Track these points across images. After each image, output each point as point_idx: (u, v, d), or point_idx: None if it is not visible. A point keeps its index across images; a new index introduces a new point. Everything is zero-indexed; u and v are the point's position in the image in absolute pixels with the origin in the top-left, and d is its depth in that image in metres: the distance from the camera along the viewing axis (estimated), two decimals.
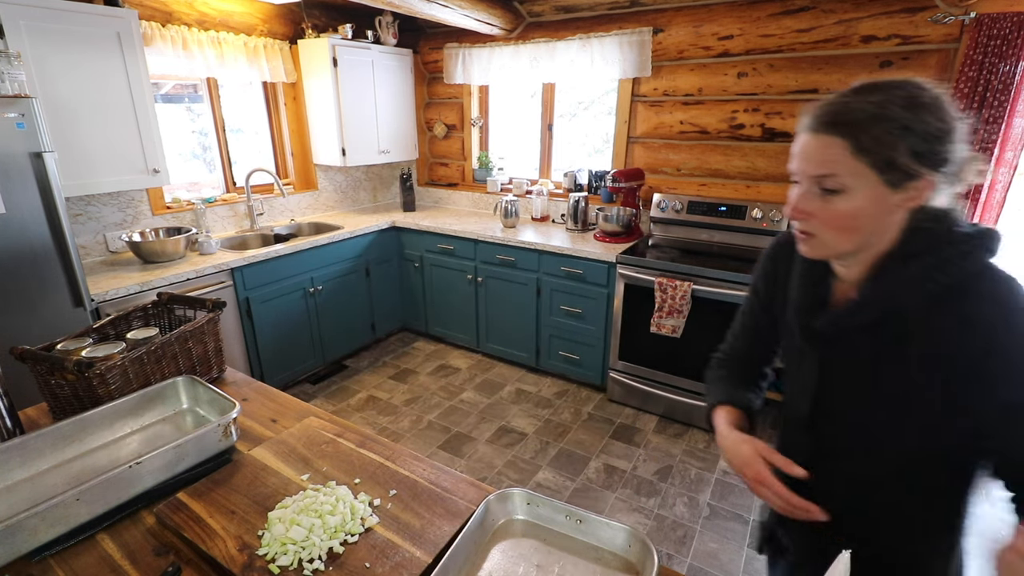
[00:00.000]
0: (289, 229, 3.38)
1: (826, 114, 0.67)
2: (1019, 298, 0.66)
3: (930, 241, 0.69)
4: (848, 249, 0.72)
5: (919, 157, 0.64)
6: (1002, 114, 2.24)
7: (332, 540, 0.86)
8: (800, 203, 0.71)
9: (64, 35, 2.12)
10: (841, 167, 0.66)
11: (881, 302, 0.71)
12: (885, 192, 0.66)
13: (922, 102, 0.64)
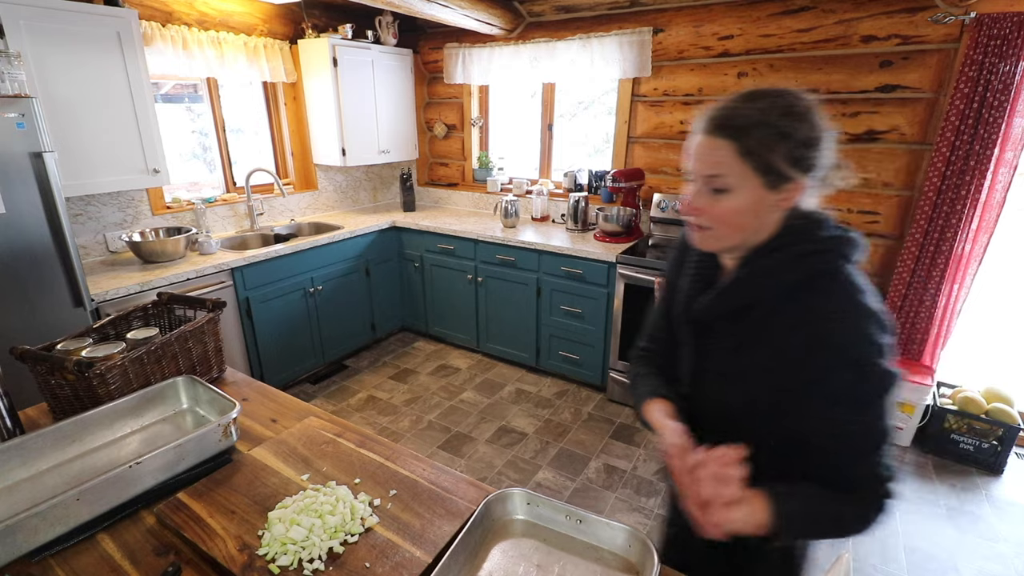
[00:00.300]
0: (289, 229, 3.38)
1: (717, 118, 0.72)
2: (858, 301, 0.71)
3: (795, 238, 0.76)
4: (735, 243, 0.78)
5: (794, 161, 0.71)
6: (1002, 114, 2.24)
7: (332, 540, 0.86)
8: (694, 201, 0.77)
9: (64, 35, 2.12)
10: (728, 168, 0.72)
11: (742, 290, 0.78)
12: (764, 192, 0.73)
13: (798, 111, 0.71)
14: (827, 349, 0.71)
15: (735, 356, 0.81)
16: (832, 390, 0.72)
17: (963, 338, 3.01)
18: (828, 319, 0.71)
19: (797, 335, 0.73)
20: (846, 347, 0.70)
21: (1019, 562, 2.00)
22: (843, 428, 0.73)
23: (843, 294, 0.72)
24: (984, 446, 2.48)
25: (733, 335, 0.81)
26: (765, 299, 0.77)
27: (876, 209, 2.71)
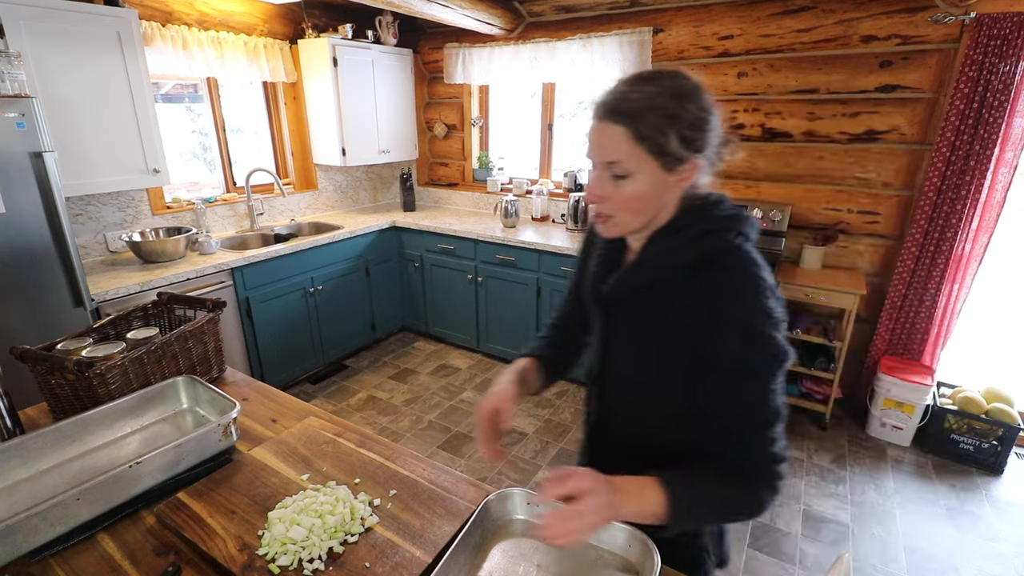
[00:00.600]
0: (289, 229, 3.38)
1: (609, 103, 0.73)
2: (754, 275, 0.74)
3: (695, 218, 0.78)
4: (638, 226, 0.80)
5: (686, 142, 0.72)
6: (1002, 114, 2.24)
7: (332, 540, 0.86)
8: (595, 188, 0.77)
9: (64, 35, 2.12)
10: (625, 153, 0.72)
11: (647, 269, 0.80)
12: (662, 174, 0.74)
13: (686, 91, 0.72)
14: (722, 323, 0.72)
15: (639, 335, 0.83)
16: (725, 362, 0.73)
17: (963, 338, 3.01)
18: (724, 294, 0.73)
19: (696, 311, 0.75)
20: (740, 319, 0.72)
21: (1019, 562, 2.00)
22: (736, 400, 0.74)
23: (740, 270, 0.74)
24: (984, 446, 2.48)
25: (637, 315, 0.83)
26: (667, 278, 0.79)
27: (876, 209, 2.71)
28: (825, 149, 2.75)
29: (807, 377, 2.84)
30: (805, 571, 1.95)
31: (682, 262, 0.77)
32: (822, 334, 2.70)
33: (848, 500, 2.31)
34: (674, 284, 0.78)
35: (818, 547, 2.06)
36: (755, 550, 2.05)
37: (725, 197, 0.81)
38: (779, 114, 2.81)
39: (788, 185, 2.89)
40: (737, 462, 0.74)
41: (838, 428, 2.82)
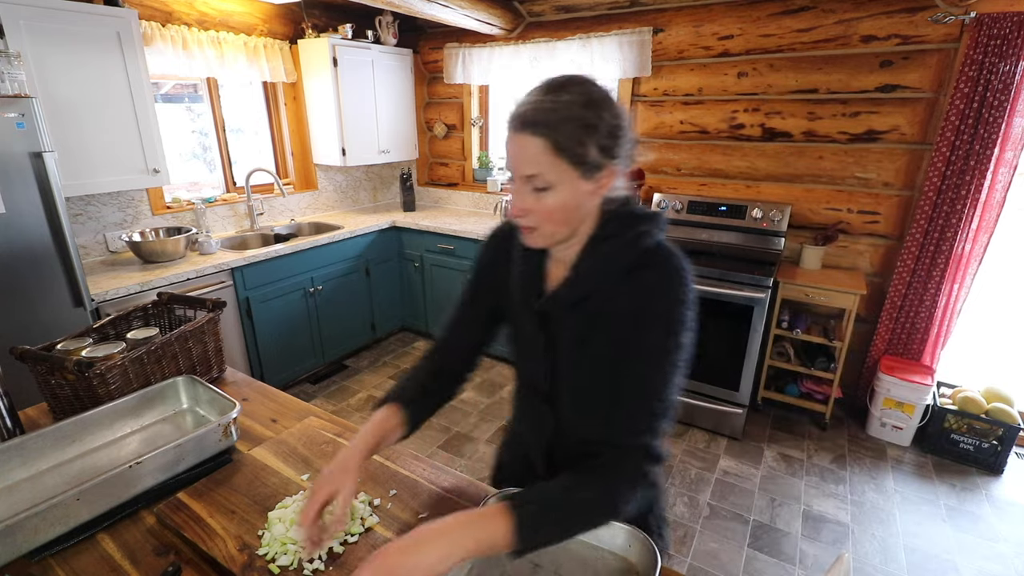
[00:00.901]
0: (289, 229, 3.38)
1: (525, 115, 0.72)
2: (680, 271, 0.77)
3: (619, 223, 0.80)
4: (564, 237, 0.80)
5: (604, 150, 0.73)
6: (1002, 114, 2.24)
7: (332, 540, 0.86)
8: (518, 202, 0.77)
9: (64, 35, 2.12)
10: (546, 165, 0.72)
11: (585, 280, 0.81)
12: (582, 184, 0.74)
13: (599, 100, 0.73)
14: (649, 315, 0.76)
15: (582, 345, 0.83)
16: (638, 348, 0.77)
17: (963, 338, 3.02)
18: (654, 290, 0.76)
19: (630, 309, 0.77)
20: (665, 312, 0.75)
21: (1019, 562, 2.00)
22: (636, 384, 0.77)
23: (668, 265, 0.78)
24: (984, 446, 2.48)
25: (575, 324, 0.83)
26: (604, 285, 0.80)
27: (876, 209, 2.71)
28: (825, 149, 2.75)
29: (807, 377, 2.84)
30: (805, 571, 1.95)
31: (619, 268, 0.79)
32: (822, 334, 2.70)
33: (848, 500, 2.31)
34: (608, 288, 0.79)
35: (818, 547, 2.06)
36: (755, 550, 2.05)
37: (632, 196, 0.84)
38: (779, 114, 2.81)
39: (788, 185, 2.89)
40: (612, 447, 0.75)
41: (838, 428, 2.82)
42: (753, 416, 2.91)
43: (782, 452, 2.63)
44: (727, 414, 2.72)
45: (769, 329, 2.74)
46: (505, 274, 0.94)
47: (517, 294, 0.90)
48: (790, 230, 2.90)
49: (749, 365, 2.58)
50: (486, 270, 0.98)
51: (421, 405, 0.94)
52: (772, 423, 2.87)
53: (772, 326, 2.75)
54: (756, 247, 2.90)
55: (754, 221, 2.87)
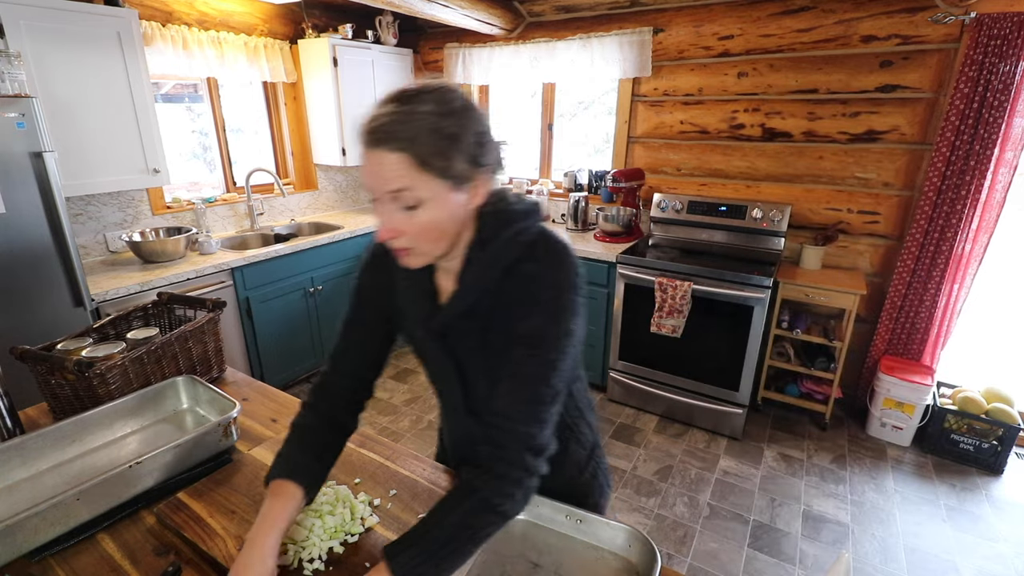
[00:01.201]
0: (289, 229, 3.38)
1: (380, 128, 0.67)
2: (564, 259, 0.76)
3: (496, 224, 0.77)
4: (445, 251, 0.77)
5: (473, 161, 0.70)
6: (1002, 114, 2.24)
7: (332, 540, 0.86)
8: (387, 223, 0.72)
9: (64, 35, 2.12)
10: (411, 181, 0.68)
11: (472, 287, 0.79)
12: (454, 196, 0.71)
13: (459, 108, 0.69)
14: (534, 303, 0.75)
15: (483, 350, 0.82)
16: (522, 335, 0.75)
17: (963, 338, 3.02)
18: (538, 280, 0.75)
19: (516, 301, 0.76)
20: (550, 300, 0.75)
21: (1019, 562, 2.00)
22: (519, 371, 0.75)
23: (552, 255, 0.77)
24: (984, 446, 2.48)
25: (472, 332, 0.82)
26: (492, 287, 0.78)
27: (876, 209, 2.71)
28: (825, 149, 2.75)
29: (807, 377, 2.84)
30: (805, 571, 1.95)
31: (502, 267, 0.77)
32: (822, 334, 2.70)
33: (848, 500, 2.31)
34: (497, 290, 0.78)
35: (818, 547, 2.06)
36: (755, 550, 2.05)
37: (506, 190, 0.82)
38: (779, 114, 2.81)
39: (788, 185, 2.89)
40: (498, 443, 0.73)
41: (838, 428, 2.82)
42: (753, 416, 2.91)
43: (782, 452, 2.63)
44: (727, 414, 2.72)
45: (769, 329, 2.74)
46: (391, 296, 0.90)
47: (410, 317, 0.87)
48: (790, 230, 2.91)
49: (749, 365, 2.58)
50: (369, 293, 0.92)
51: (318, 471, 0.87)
52: (772, 423, 2.87)
53: (772, 326, 2.75)
54: (756, 247, 2.90)
55: (754, 221, 2.87)
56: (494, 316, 0.79)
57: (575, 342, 0.77)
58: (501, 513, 0.72)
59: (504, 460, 0.72)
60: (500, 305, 0.78)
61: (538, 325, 0.75)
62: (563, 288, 0.75)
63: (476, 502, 0.71)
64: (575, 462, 0.99)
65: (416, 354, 0.94)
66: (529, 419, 0.73)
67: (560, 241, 0.79)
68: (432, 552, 0.69)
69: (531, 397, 0.74)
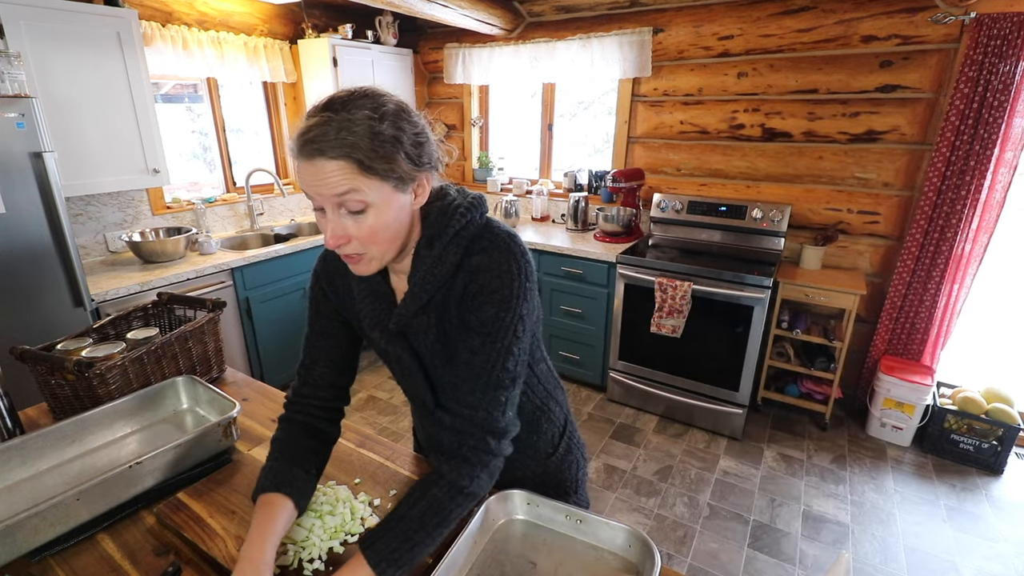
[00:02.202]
0: (289, 229, 3.38)
1: (318, 138, 0.66)
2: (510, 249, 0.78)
3: (444, 222, 0.79)
4: (394, 254, 0.78)
5: (413, 161, 0.72)
6: (1002, 114, 2.24)
7: (332, 540, 0.86)
8: (336, 230, 0.71)
9: (64, 35, 2.12)
10: (356, 186, 0.68)
11: (424, 285, 0.80)
12: (399, 197, 0.73)
13: (395, 111, 0.70)
14: (484, 294, 0.77)
15: (442, 342, 0.84)
16: (477, 324, 0.78)
17: (963, 338, 3.02)
18: (487, 271, 0.77)
19: (467, 291, 0.79)
20: (499, 290, 0.77)
21: (1019, 562, 2.00)
22: (476, 358, 0.78)
23: (498, 246, 0.79)
24: (984, 446, 2.48)
25: (430, 327, 0.83)
26: (443, 283, 0.80)
27: (876, 209, 2.71)
28: (825, 149, 2.75)
29: (807, 377, 2.84)
30: (805, 571, 1.95)
31: (451, 262, 0.79)
32: (822, 334, 2.70)
33: (848, 500, 2.31)
34: (448, 284, 0.81)
35: (818, 547, 2.06)
36: (755, 550, 2.05)
37: (448, 186, 0.84)
38: (779, 114, 2.81)
39: (788, 185, 2.89)
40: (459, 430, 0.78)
41: (838, 428, 2.82)
42: (753, 416, 2.91)
43: (782, 452, 2.63)
44: (727, 414, 2.72)
45: (769, 329, 2.74)
46: (347, 302, 0.91)
47: (368, 321, 0.87)
48: (790, 230, 2.91)
49: (749, 365, 2.58)
50: (326, 302, 0.93)
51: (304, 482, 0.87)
52: (772, 423, 2.87)
53: (772, 326, 2.75)
54: (756, 247, 2.90)
55: (754, 221, 2.87)
56: (448, 310, 0.81)
57: (529, 326, 0.81)
58: (468, 494, 0.77)
59: (467, 445, 0.77)
60: (453, 298, 0.81)
61: (491, 314, 0.77)
62: (511, 276, 0.77)
63: (444, 486, 0.76)
64: (548, 440, 1.04)
65: (380, 357, 0.94)
66: (489, 404, 0.78)
67: (505, 230, 0.81)
68: (406, 537, 0.73)
69: (489, 383, 0.78)
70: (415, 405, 1.01)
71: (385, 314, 0.86)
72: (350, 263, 0.77)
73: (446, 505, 0.76)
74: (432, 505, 0.75)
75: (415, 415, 1.08)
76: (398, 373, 0.94)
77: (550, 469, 1.04)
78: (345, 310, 0.92)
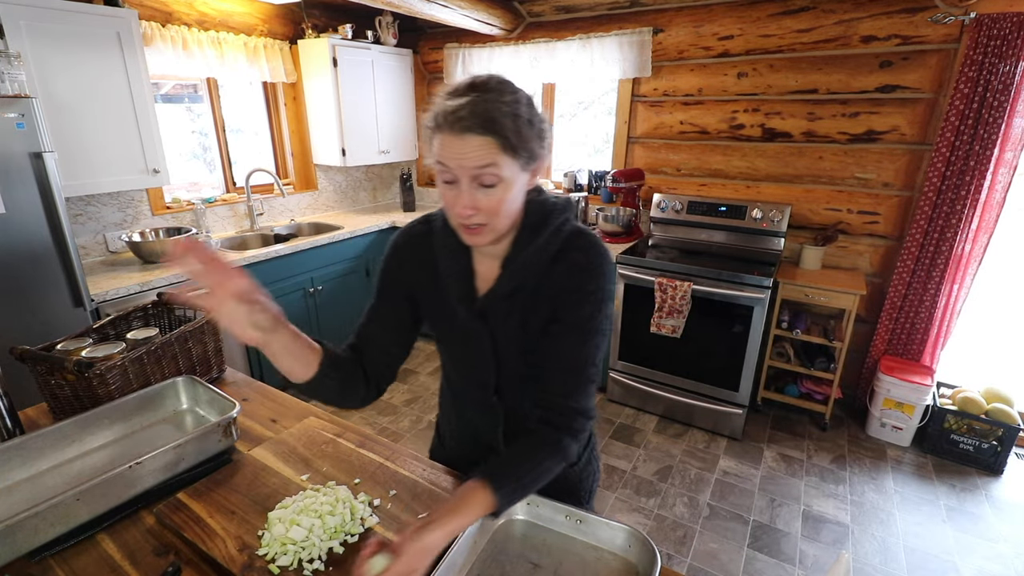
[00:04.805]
0: (289, 229, 3.38)
1: (473, 115, 0.73)
2: (604, 254, 0.87)
3: (545, 213, 0.86)
4: (505, 230, 0.83)
5: (540, 143, 0.79)
6: (1002, 114, 2.24)
7: (332, 540, 0.86)
8: (466, 200, 0.77)
9: (64, 35, 2.12)
10: (496, 160, 0.75)
11: (521, 270, 0.85)
12: (522, 176, 0.80)
13: (528, 98, 0.79)
14: (583, 293, 0.84)
15: (523, 329, 0.89)
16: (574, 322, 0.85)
17: (963, 338, 3.02)
18: (586, 271, 0.85)
19: (562, 288, 0.85)
20: (597, 291, 0.85)
21: (1019, 562, 2.00)
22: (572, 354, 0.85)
23: (594, 249, 0.86)
24: (984, 446, 2.48)
25: (514, 311, 0.88)
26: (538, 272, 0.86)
27: (876, 209, 2.71)
28: (825, 149, 2.75)
29: (807, 377, 2.84)
30: (805, 571, 1.95)
31: (549, 254, 0.85)
32: (822, 334, 2.70)
33: (848, 500, 2.31)
34: (540, 272, 0.86)
35: (818, 547, 2.06)
36: (755, 550, 2.05)
37: (540, 187, 0.89)
38: (779, 114, 2.81)
39: (788, 185, 2.89)
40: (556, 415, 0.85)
41: (838, 428, 2.82)
42: (753, 416, 2.91)
43: (782, 452, 2.63)
44: (727, 414, 2.72)
45: (769, 329, 2.74)
46: (419, 281, 0.94)
47: (454, 296, 0.90)
48: (790, 230, 2.91)
49: (749, 365, 2.58)
50: (399, 275, 0.96)
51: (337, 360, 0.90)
52: (772, 423, 2.87)
53: (772, 326, 2.75)
54: (756, 247, 2.90)
55: (754, 221, 2.87)
56: (537, 301, 0.87)
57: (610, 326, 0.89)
58: (567, 459, 0.86)
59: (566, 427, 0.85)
60: (544, 289, 0.86)
61: (588, 314, 0.85)
62: (606, 279, 0.86)
63: (552, 450, 0.84)
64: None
65: (442, 339, 0.98)
66: (583, 396, 0.86)
67: (598, 237, 0.89)
68: (522, 486, 0.82)
69: (582, 377, 0.86)
70: (464, 392, 1.02)
71: (470, 292, 0.90)
72: (469, 233, 0.81)
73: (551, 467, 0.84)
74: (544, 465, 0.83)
75: (451, 406, 1.08)
76: (462, 354, 0.96)
77: (571, 478, 1.05)
78: (418, 285, 0.95)
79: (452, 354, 1.00)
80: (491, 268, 0.89)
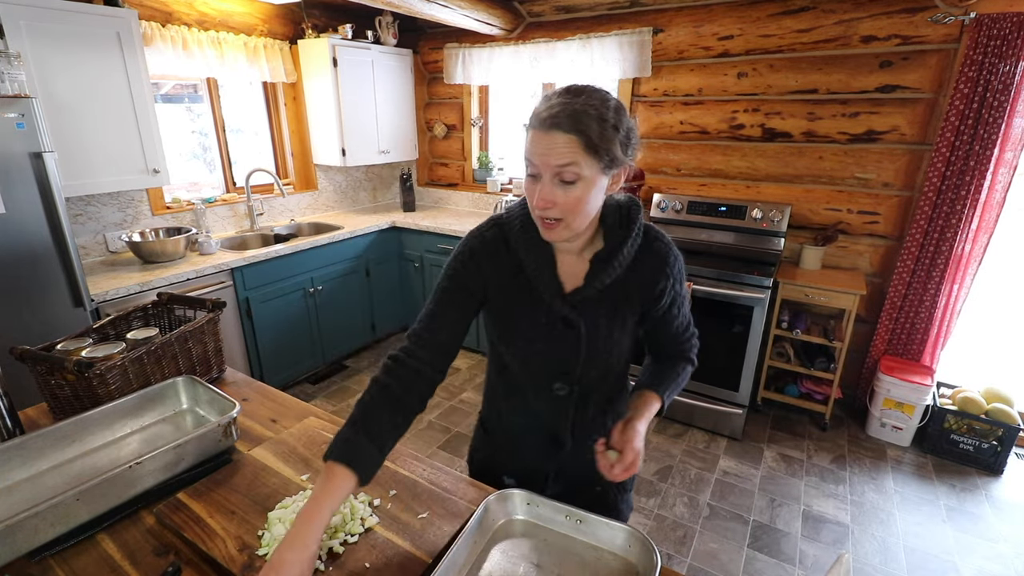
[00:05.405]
0: (289, 229, 3.38)
1: (562, 115, 0.78)
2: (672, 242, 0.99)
3: (628, 212, 0.93)
4: (582, 227, 0.87)
5: (624, 148, 0.82)
6: (1002, 114, 2.24)
7: (332, 540, 0.86)
8: (546, 194, 0.81)
9: (64, 35, 2.12)
10: (577, 159, 0.78)
11: (615, 264, 0.91)
12: (603, 179, 0.83)
13: (619, 106, 0.82)
14: (669, 277, 0.96)
15: (611, 319, 0.95)
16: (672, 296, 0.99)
17: (963, 338, 3.01)
18: (667, 259, 0.95)
19: (650, 278, 0.95)
20: (677, 272, 0.98)
21: (1019, 562, 2.00)
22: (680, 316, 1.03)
23: (666, 239, 0.98)
24: (984, 446, 2.48)
25: (604, 303, 0.94)
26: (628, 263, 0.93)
27: (876, 209, 2.71)
28: (825, 149, 2.75)
29: (807, 377, 2.84)
30: (805, 571, 1.95)
31: (636, 249, 0.93)
32: (822, 334, 2.70)
33: (848, 500, 2.31)
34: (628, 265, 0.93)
35: (818, 547, 2.06)
36: (755, 550, 2.05)
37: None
38: (779, 114, 2.81)
39: (788, 185, 2.89)
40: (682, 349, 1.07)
41: (838, 428, 2.82)
42: (753, 416, 2.91)
43: (782, 452, 2.63)
44: (727, 414, 2.72)
45: (769, 329, 2.74)
46: (499, 278, 0.95)
47: (544, 290, 0.93)
48: (790, 230, 2.91)
49: (749, 365, 2.58)
50: (474, 277, 0.95)
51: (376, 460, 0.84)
52: (772, 423, 2.87)
53: (772, 326, 2.75)
54: (756, 247, 2.90)
55: (754, 221, 2.87)
56: (628, 287, 0.94)
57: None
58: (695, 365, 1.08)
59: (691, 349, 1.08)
60: (634, 277, 0.94)
61: (679, 289, 1.00)
62: (680, 259, 0.99)
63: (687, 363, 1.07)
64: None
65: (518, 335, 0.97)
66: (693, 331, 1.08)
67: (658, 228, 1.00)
68: (674, 389, 1.03)
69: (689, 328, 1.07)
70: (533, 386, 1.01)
71: (558, 287, 0.93)
72: (546, 228, 0.86)
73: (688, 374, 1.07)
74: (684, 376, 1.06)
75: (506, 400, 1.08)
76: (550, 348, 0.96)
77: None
78: (496, 285, 0.96)
79: (528, 348, 0.98)
80: (573, 263, 0.94)
